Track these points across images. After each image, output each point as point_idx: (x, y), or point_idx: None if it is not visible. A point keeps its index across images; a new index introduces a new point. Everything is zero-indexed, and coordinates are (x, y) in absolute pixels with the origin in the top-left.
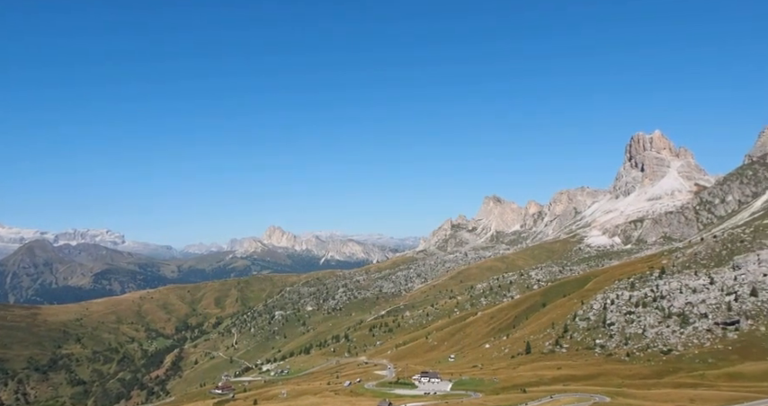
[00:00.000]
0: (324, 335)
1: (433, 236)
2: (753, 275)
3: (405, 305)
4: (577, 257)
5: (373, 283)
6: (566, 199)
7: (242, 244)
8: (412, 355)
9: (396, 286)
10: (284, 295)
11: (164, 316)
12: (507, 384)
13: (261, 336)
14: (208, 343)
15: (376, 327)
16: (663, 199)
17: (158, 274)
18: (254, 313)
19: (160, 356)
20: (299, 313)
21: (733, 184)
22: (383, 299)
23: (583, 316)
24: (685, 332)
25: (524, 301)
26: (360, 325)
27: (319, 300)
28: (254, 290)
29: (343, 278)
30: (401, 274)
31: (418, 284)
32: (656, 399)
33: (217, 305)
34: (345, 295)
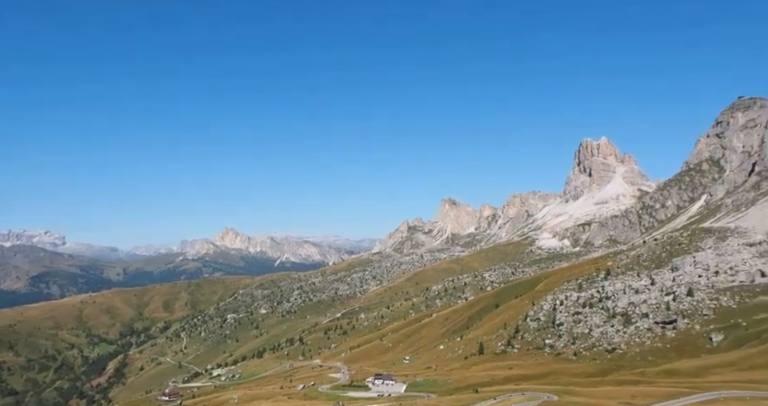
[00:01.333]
0: (278, 338)
1: (390, 238)
2: (689, 276)
3: (360, 307)
4: (529, 259)
5: (329, 285)
6: (519, 203)
7: (193, 246)
8: (367, 357)
9: (351, 288)
10: (237, 298)
11: (107, 321)
12: (460, 385)
13: (212, 340)
14: (155, 348)
15: (331, 329)
16: (609, 204)
17: (102, 277)
18: (205, 316)
19: (102, 362)
20: (253, 317)
21: (672, 190)
22: (339, 301)
23: (533, 317)
24: (628, 331)
25: (478, 302)
26: (315, 328)
27: (273, 303)
28: (206, 293)
29: (299, 281)
30: (357, 276)
31: (374, 286)
32: (601, 396)
33: (165, 309)
34: (300, 297)
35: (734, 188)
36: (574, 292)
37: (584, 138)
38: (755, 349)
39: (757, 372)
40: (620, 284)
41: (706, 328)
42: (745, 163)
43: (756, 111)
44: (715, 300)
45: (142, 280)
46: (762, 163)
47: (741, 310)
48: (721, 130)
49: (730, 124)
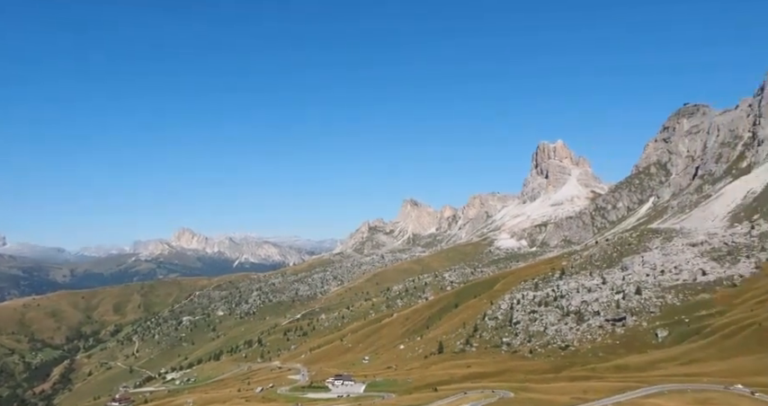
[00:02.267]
0: (235, 340)
1: (351, 239)
2: (638, 275)
3: (320, 308)
4: (488, 259)
5: (289, 286)
6: (478, 204)
7: (147, 247)
8: (327, 358)
9: (312, 288)
10: (193, 300)
11: (52, 325)
12: (420, 384)
13: (166, 343)
14: (104, 353)
15: (291, 331)
16: (564, 205)
17: (47, 279)
18: (159, 319)
19: (46, 368)
20: (210, 319)
21: (623, 192)
22: (299, 302)
23: (492, 316)
24: (581, 329)
25: (438, 302)
26: (274, 329)
27: (232, 304)
28: (160, 295)
29: (258, 281)
30: (317, 276)
31: (335, 286)
32: (555, 392)
33: (116, 312)
34: (260, 298)
35: (679, 190)
36: (530, 291)
37: (541, 141)
38: (696, 344)
39: (697, 365)
40: (574, 283)
41: (652, 325)
42: (690, 167)
43: (699, 118)
44: (661, 298)
45: (91, 282)
46: (704, 168)
47: (684, 307)
48: (668, 135)
49: (676, 130)
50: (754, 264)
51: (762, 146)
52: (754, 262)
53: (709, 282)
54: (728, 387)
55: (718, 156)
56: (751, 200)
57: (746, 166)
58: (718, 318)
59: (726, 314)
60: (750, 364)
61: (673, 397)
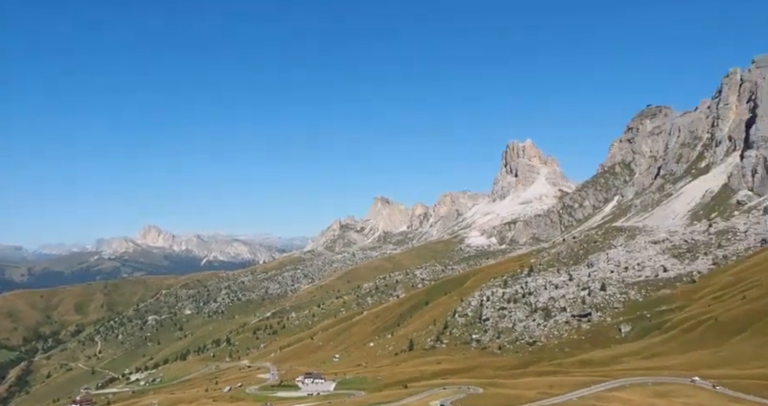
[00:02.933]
0: (203, 340)
1: (322, 236)
2: (603, 272)
3: (291, 306)
4: (459, 256)
5: (259, 284)
6: (449, 202)
7: (110, 245)
8: (297, 356)
9: (282, 287)
10: (159, 299)
11: (8, 325)
12: (390, 381)
13: (130, 343)
14: (65, 354)
15: (260, 329)
16: (533, 203)
17: (3, 278)
18: (124, 318)
19: (2, 371)
20: (176, 318)
21: (589, 191)
22: (269, 300)
23: (462, 313)
24: (548, 325)
25: (409, 299)
26: (243, 328)
27: (199, 303)
28: (124, 294)
29: (227, 280)
30: (288, 275)
31: (305, 284)
32: (522, 387)
33: (78, 312)
34: (228, 297)
35: (642, 189)
36: (500, 288)
37: (510, 140)
38: (657, 339)
39: (658, 359)
40: (542, 280)
41: (616, 320)
42: (652, 167)
43: (662, 119)
44: (624, 294)
45: (51, 281)
46: (665, 167)
47: (646, 302)
48: (632, 136)
49: (639, 130)
50: (712, 261)
51: (719, 147)
52: (711, 259)
53: (670, 278)
54: (692, 380)
55: (679, 157)
56: (709, 199)
57: (705, 166)
58: (678, 313)
59: (685, 309)
60: (707, 357)
61: (635, 390)
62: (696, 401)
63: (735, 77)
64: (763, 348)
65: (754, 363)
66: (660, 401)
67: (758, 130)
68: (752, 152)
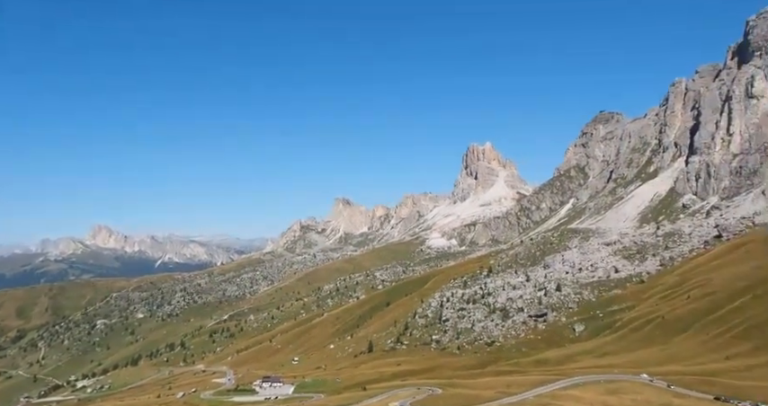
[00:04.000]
0: (156, 344)
1: (282, 238)
2: (558, 273)
3: (249, 309)
4: (419, 258)
5: (216, 286)
6: (411, 203)
7: (57, 246)
8: (255, 360)
9: (240, 289)
10: (110, 302)
11: None
12: (349, 383)
13: (77, 349)
14: (4, 361)
15: (217, 332)
16: (492, 205)
17: None
18: (70, 323)
19: None
20: (128, 322)
21: (546, 193)
22: (226, 303)
23: (422, 314)
24: (506, 325)
25: (369, 301)
26: (199, 331)
27: (153, 306)
28: (72, 297)
29: (182, 282)
30: (247, 276)
31: (264, 286)
32: (480, 387)
33: (19, 316)
34: (184, 299)
35: (595, 193)
36: (459, 289)
37: (471, 143)
38: (609, 338)
39: (610, 357)
40: (500, 281)
41: (570, 320)
42: (605, 171)
43: (614, 125)
44: (579, 294)
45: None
46: (617, 172)
47: (599, 302)
48: (586, 140)
49: (593, 135)
50: (659, 262)
51: (666, 153)
52: (659, 260)
53: (621, 279)
54: (642, 377)
55: (630, 161)
56: (657, 203)
57: (653, 171)
58: (628, 312)
59: (634, 309)
60: (654, 355)
61: (588, 388)
62: (644, 397)
63: (680, 86)
64: (705, 346)
65: (697, 360)
66: (611, 399)
67: (701, 137)
68: (695, 158)
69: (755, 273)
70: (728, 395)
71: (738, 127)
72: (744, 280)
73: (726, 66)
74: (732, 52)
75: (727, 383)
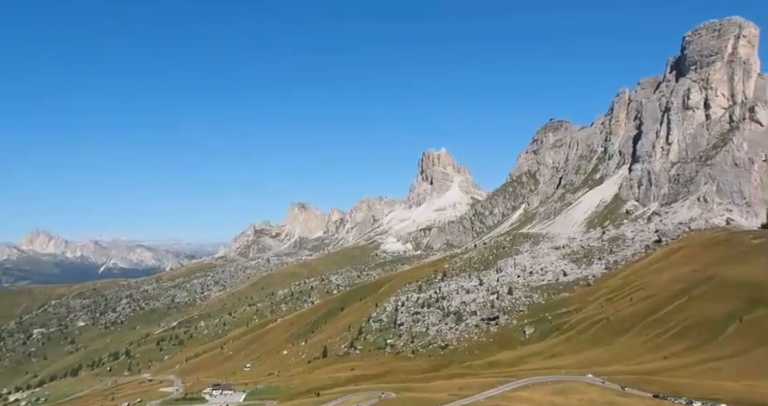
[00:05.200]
0: (98, 353)
1: (235, 242)
2: (510, 276)
3: (200, 315)
4: (375, 262)
5: (165, 292)
6: (366, 208)
7: None
8: (205, 367)
9: (191, 294)
10: (48, 310)
11: None
12: (303, 389)
13: (10, 360)
14: None
15: (165, 340)
16: (447, 210)
17: None
18: (3, 332)
19: None
20: (67, 330)
21: (498, 199)
22: (175, 309)
23: (376, 318)
24: (459, 328)
25: (324, 306)
26: (145, 339)
27: (95, 313)
28: (5, 305)
29: (128, 288)
30: (197, 282)
31: (216, 292)
32: (434, 390)
33: None
34: (129, 306)
35: (546, 198)
36: (414, 293)
37: (426, 149)
38: (557, 339)
39: (558, 359)
40: (455, 285)
41: (521, 322)
42: (554, 177)
43: (563, 133)
44: (529, 297)
45: None
46: (566, 178)
47: (548, 305)
48: (537, 147)
49: (543, 142)
50: (605, 265)
51: (611, 160)
52: (604, 264)
53: (569, 282)
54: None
55: (578, 168)
56: (603, 209)
57: (599, 178)
58: (575, 315)
59: (581, 311)
60: (599, 355)
61: (536, 389)
62: (589, 397)
63: (624, 97)
64: (646, 346)
65: (638, 359)
66: (558, 399)
67: (643, 146)
68: (638, 165)
69: (692, 276)
70: (666, 393)
71: (676, 137)
72: (681, 283)
73: (665, 78)
74: (671, 65)
75: (665, 382)
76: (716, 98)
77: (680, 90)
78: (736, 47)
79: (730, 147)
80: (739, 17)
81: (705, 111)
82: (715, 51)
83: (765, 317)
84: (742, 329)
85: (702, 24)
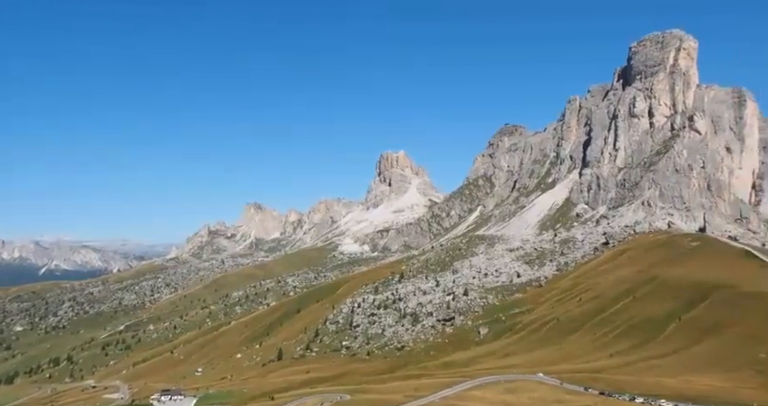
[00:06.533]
0: (37, 359)
1: (189, 243)
2: (466, 278)
3: (149, 318)
4: (332, 264)
5: (111, 295)
6: (324, 209)
7: None
8: (154, 372)
9: (139, 297)
10: None
11: None
12: (256, 393)
13: None
14: None
15: (111, 345)
16: (404, 212)
17: None
18: None
19: None
20: (3, 335)
21: (455, 201)
22: (123, 313)
23: (333, 320)
24: (415, 330)
25: (280, 308)
26: (90, 344)
27: (35, 318)
28: None
29: (71, 290)
30: (147, 284)
31: (167, 294)
32: (389, 392)
33: None
34: (73, 310)
35: (501, 201)
36: (371, 295)
37: (384, 151)
38: (510, 339)
39: (511, 358)
40: (411, 286)
41: (476, 323)
42: (509, 181)
43: (518, 137)
44: (484, 298)
45: None
46: (520, 182)
47: (502, 306)
48: (493, 151)
49: (499, 146)
50: (556, 267)
51: (563, 165)
52: (555, 265)
53: (522, 283)
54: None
55: (531, 172)
56: (555, 212)
57: (552, 181)
58: (528, 315)
59: (533, 311)
60: (550, 354)
61: (489, 388)
62: (539, 395)
63: (575, 103)
64: (593, 344)
65: (586, 357)
66: (510, 397)
67: (592, 151)
68: (588, 170)
69: (636, 277)
70: (611, 390)
71: (623, 144)
72: (626, 283)
73: (613, 87)
74: (618, 74)
75: (610, 379)
76: (659, 107)
77: (626, 98)
78: (677, 58)
79: (672, 154)
80: (680, 30)
81: (649, 119)
82: (658, 62)
83: (702, 316)
84: (681, 327)
85: (647, 36)
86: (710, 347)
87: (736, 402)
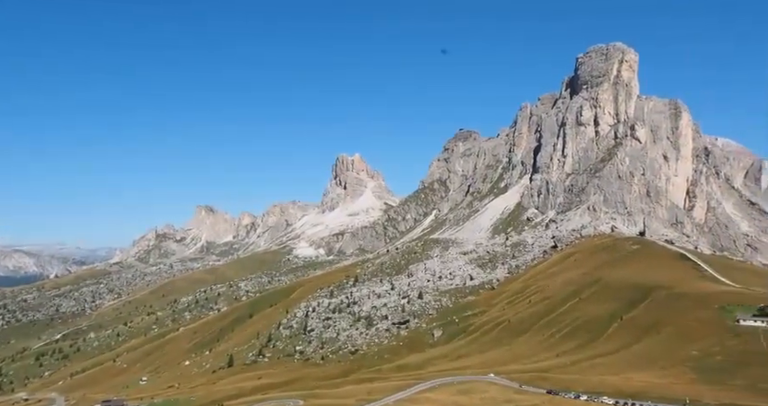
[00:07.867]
0: None
1: (134, 247)
2: (420, 281)
3: (89, 326)
4: (286, 267)
5: (47, 302)
6: (279, 212)
7: None
8: (94, 382)
9: (79, 304)
10: None
11: None
12: (205, 401)
13: None
14: None
15: (46, 355)
16: (360, 215)
17: None
18: None
19: None
20: None
21: (411, 205)
22: (60, 320)
23: (286, 325)
24: (370, 333)
25: (231, 313)
26: (22, 354)
27: None
28: None
29: (2, 298)
30: (88, 290)
31: (110, 300)
32: (343, 396)
33: None
34: (3, 318)
35: (455, 205)
36: (326, 298)
37: (340, 153)
38: (463, 341)
39: (464, 360)
40: (366, 289)
41: (430, 326)
42: (464, 185)
43: (472, 143)
44: (438, 301)
45: None
46: (474, 186)
47: (455, 308)
48: (448, 156)
49: (454, 151)
50: (507, 270)
51: (515, 170)
52: (507, 268)
53: (475, 286)
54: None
55: (484, 177)
56: (506, 216)
57: (504, 186)
58: (480, 317)
59: (486, 313)
60: (501, 355)
61: (443, 390)
62: (490, 395)
63: (526, 110)
64: (541, 345)
65: (535, 358)
66: (462, 398)
67: (542, 157)
68: (538, 176)
69: (582, 279)
70: (558, 388)
71: (571, 150)
72: (573, 285)
73: (561, 95)
74: (566, 84)
75: (557, 378)
76: (603, 116)
77: (574, 107)
78: (620, 70)
79: (615, 161)
80: (622, 43)
81: (595, 128)
82: (603, 73)
83: (641, 316)
84: (623, 327)
85: (593, 48)
86: (649, 345)
87: (671, 398)
